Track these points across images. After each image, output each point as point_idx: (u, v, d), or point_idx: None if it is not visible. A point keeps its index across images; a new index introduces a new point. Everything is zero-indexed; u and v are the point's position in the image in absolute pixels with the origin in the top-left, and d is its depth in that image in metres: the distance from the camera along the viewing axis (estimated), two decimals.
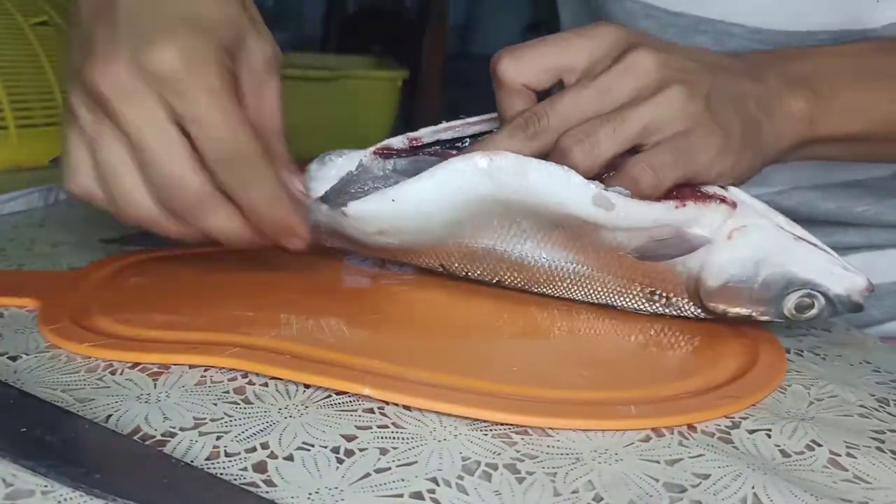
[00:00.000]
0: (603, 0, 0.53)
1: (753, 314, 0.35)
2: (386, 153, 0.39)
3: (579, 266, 0.36)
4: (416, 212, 0.34)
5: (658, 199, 0.33)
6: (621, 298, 0.37)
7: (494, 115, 0.38)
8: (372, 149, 0.39)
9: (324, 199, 0.37)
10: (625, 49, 0.35)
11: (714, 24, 0.49)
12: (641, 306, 0.37)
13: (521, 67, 0.35)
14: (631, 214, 0.33)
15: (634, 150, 0.34)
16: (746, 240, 0.34)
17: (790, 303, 0.34)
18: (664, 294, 0.36)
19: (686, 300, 0.36)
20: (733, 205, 0.34)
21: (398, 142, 0.39)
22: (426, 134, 0.39)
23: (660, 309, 0.36)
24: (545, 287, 0.38)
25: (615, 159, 0.34)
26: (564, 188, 0.32)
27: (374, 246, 0.37)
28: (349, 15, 2.70)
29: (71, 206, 0.55)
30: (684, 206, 0.33)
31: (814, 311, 0.34)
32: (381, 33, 2.43)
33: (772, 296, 0.34)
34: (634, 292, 0.36)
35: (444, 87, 2.19)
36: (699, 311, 0.36)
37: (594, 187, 0.32)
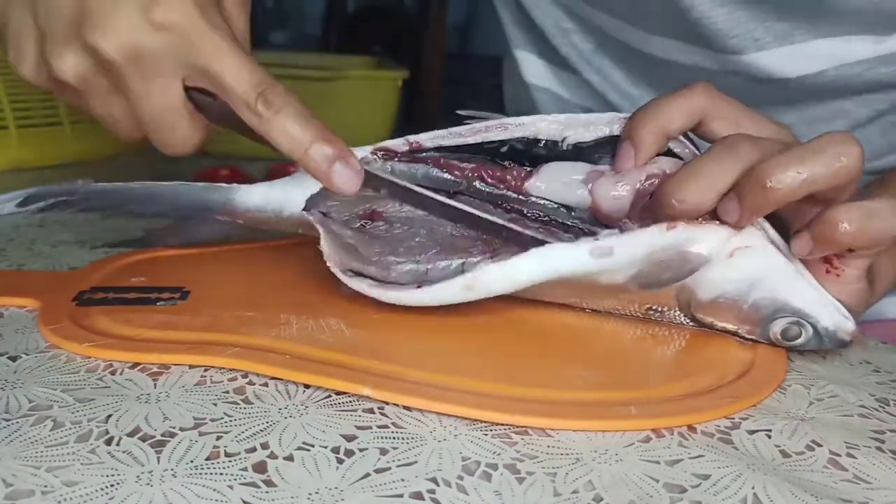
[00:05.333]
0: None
1: (740, 331, 0.35)
2: (385, 155, 0.39)
3: (576, 301, 0.38)
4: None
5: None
6: (617, 313, 0.37)
7: (499, 120, 0.38)
8: (370, 147, 0.39)
9: (315, 199, 0.38)
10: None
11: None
12: (636, 317, 0.37)
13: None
14: (631, 247, 0.33)
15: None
16: (747, 260, 0.33)
17: (777, 327, 0.34)
18: (660, 309, 0.36)
19: (679, 312, 0.36)
20: (735, 226, 0.34)
21: (398, 144, 0.39)
22: (427, 139, 0.39)
23: (653, 319, 0.37)
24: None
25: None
26: (558, 259, 0.33)
27: None
28: (349, 15, 2.70)
29: None
30: (675, 227, 0.33)
31: (800, 341, 0.34)
32: (381, 33, 2.44)
33: (760, 317, 0.34)
34: (632, 310, 0.37)
35: (444, 87, 2.19)
36: (689, 321, 0.36)
37: (586, 242, 0.33)
